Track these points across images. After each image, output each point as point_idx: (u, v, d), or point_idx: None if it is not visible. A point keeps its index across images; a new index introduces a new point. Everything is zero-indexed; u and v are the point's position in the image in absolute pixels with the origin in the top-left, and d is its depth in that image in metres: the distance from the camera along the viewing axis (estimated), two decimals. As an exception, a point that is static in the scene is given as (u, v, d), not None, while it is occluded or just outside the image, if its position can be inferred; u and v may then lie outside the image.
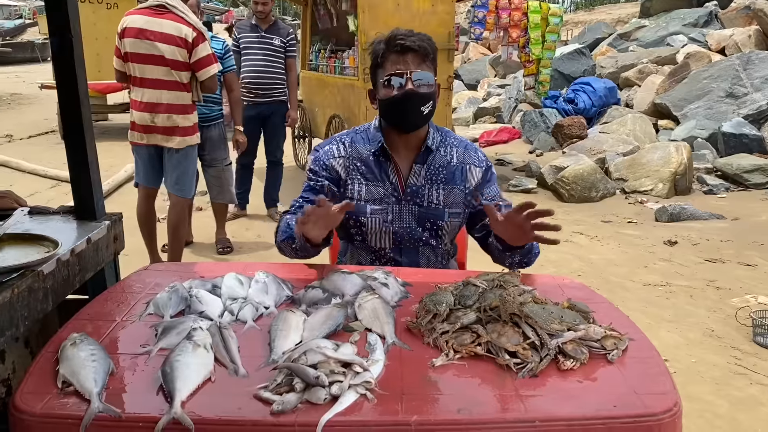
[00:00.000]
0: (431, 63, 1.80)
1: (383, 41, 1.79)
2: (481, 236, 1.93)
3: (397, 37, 1.76)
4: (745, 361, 3.06)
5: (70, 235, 1.62)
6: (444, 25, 5.91)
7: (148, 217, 3.99)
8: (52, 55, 1.67)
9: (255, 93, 5.25)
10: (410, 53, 1.75)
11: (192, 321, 1.28)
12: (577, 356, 1.19)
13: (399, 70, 1.75)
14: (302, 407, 1.02)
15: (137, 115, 3.68)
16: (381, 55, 1.79)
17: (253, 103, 5.25)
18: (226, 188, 4.60)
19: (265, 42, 5.24)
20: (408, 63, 1.75)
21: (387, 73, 1.77)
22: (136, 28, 3.55)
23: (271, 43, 5.25)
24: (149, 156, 3.80)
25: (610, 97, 9.53)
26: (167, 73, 3.61)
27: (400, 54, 1.75)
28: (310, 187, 1.90)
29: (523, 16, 7.04)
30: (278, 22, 5.41)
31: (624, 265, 4.47)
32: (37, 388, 1.08)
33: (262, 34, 5.25)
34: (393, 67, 1.76)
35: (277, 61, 5.28)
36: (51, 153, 8.11)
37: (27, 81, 16.61)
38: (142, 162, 3.84)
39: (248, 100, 5.21)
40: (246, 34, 5.30)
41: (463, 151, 1.92)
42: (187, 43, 3.59)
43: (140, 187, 3.96)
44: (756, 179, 6.57)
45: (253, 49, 5.25)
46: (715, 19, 12.25)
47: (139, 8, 3.64)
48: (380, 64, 1.80)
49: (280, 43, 5.26)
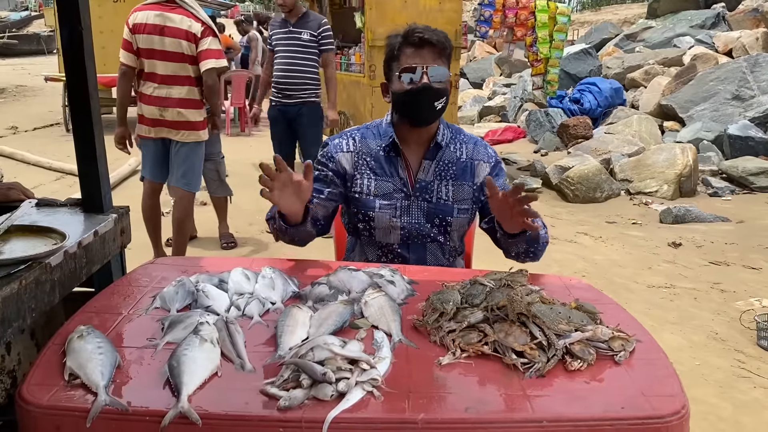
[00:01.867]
0: (447, 59, 1.79)
1: (400, 34, 1.79)
2: (489, 228, 1.88)
3: (416, 31, 1.76)
4: (749, 365, 3.05)
5: (78, 227, 1.62)
6: (451, 22, 5.91)
7: (153, 211, 3.99)
8: (62, 47, 1.66)
9: (282, 93, 4.78)
10: (427, 47, 1.75)
11: (198, 315, 1.28)
12: (585, 357, 1.18)
13: (415, 64, 1.75)
14: (309, 403, 1.02)
15: (146, 109, 3.69)
16: (397, 47, 1.79)
17: (280, 104, 4.81)
18: (224, 182, 4.61)
19: (293, 37, 4.71)
20: (424, 57, 1.75)
21: (403, 66, 1.76)
22: (149, 24, 3.57)
23: (299, 37, 4.70)
24: (156, 150, 3.80)
25: (616, 97, 9.50)
26: (178, 68, 3.63)
27: (418, 47, 1.75)
28: (316, 177, 1.89)
29: (530, 15, 7.02)
30: (309, 14, 4.83)
31: (628, 266, 4.46)
32: (44, 380, 1.08)
33: (290, 28, 4.72)
34: (409, 60, 1.76)
35: (306, 57, 4.73)
36: (56, 145, 8.12)
37: (32, 73, 16.62)
38: (149, 156, 3.84)
39: (275, 101, 4.83)
40: (276, 30, 4.83)
41: (473, 147, 1.92)
42: (195, 37, 3.60)
43: (146, 181, 3.96)
44: (761, 182, 6.54)
45: (281, 46, 4.76)
46: (723, 21, 12.21)
47: (148, 3, 3.64)
48: (396, 57, 1.80)
49: (309, 37, 4.70)
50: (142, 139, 3.80)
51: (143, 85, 3.69)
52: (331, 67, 4.84)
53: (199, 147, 3.82)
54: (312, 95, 4.81)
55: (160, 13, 3.58)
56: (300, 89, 4.74)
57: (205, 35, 3.62)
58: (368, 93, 5.96)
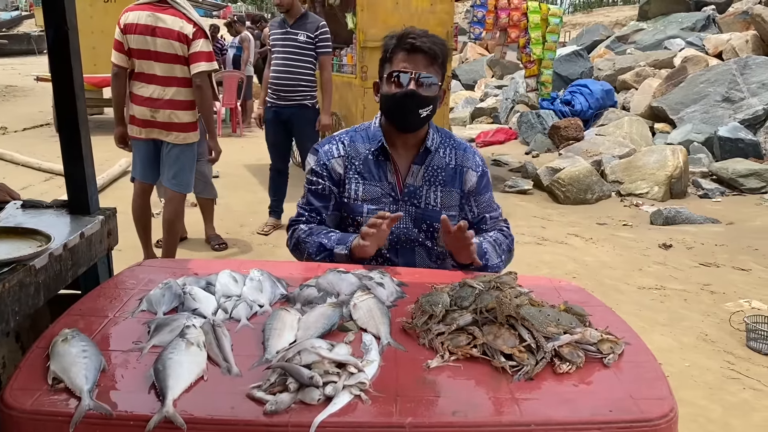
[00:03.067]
0: (439, 67, 1.79)
1: (396, 36, 1.79)
2: None
3: (409, 36, 1.75)
4: (738, 366, 3.06)
5: (63, 229, 1.60)
6: (442, 24, 5.91)
7: (143, 212, 3.97)
8: (48, 47, 1.64)
9: (277, 95, 4.75)
10: (419, 54, 1.74)
11: (185, 318, 1.26)
12: (573, 360, 1.18)
13: (404, 69, 1.74)
14: (296, 407, 1.01)
15: (137, 110, 3.66)
16: (391, 50, 1.79)
17: (275, 106, 4.79)
18: (210, 183, 4.60)
19: (289, 38, 4.66)
20: (416, 63, 1.75)
21: (392, 69, 1.77)
22: (140, 24, 3.55)
23: (296, 39, 4.65)
24: (147, 151, 3.78)
25: (607, 99, 9.54)
26: (170, 69, 3.61)
27: (409, 53, 1.75)
28: (314, 192, 1.89)
29: (522, 17, 7.04)
30: (308, 15, 4.78)
31: (618, 267, 4.47)
32: (27, 384, 1.06)
33: (287, 29, 4.67)
34: (399, 65, 1.76)
35: (302, 59, 4.68)
36: (45, 146, 8.07)
37: (23, 73, 16.51)
38: (140, 157, 3.82)
39: (270, 102, 4.81)
40: (274, 30, 4.80)
41: (462, 153, 1.92)
42: (187, 38, 3.57)
43: (136, 182, 3.94)
44: (751, 184, 6.59)
45: (277, 47, 4.73)
46: (713, 23, 12.28)
47: (140, 3, 3.62)
48: (388, 59, 1.80)
49: (305, 38, 4.65)
50: (132, 140, 3.77)
51: (134, 86, 3.67)
52: (328, 70, 4.79)
53: (190, 148, 3.80)
54: (307, 97, 4.77)
55: (152, 13, 3.56)
56: (295, 91, 4.70)
57: (197, 37, 3.59)
58: (360, 94, 5.96)
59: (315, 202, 1.88)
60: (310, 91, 4.77)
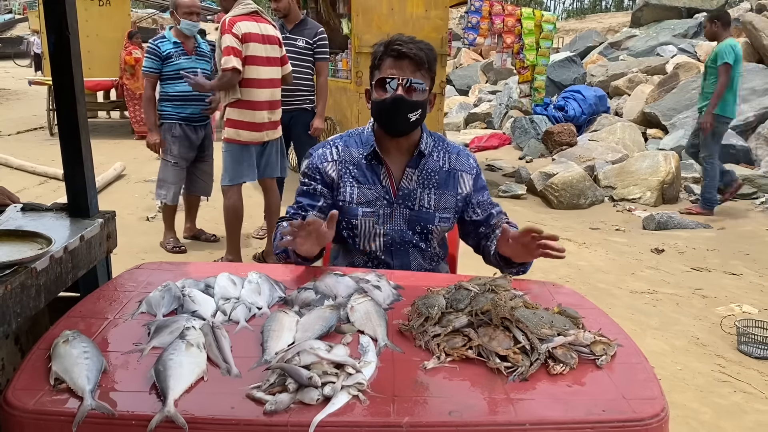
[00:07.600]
0: (426, 72, 1.81)
1: (383, 44, 1.81)
2: (474, 243, 2.00)
3: (396, 42, 1.78)
4: (729, 369, 3.09)
5: (63, 232, 1.62)
6: (437, 30, 5.95)
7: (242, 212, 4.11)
8: (49, 52, 1.66)
9: None
10: (406, 60, 1.77)
11: (185, 320, 1.28)
12: (567, 361, 1.20)
13: (392, 75, 1.77)
14: (295, 407, 1.03)
15: (258, 115, 3.87)
16: (379, 57, 1.82)
17: None
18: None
19: (288, 43, 4.56)
20: (403, 69, 1.77)
21: (380, 76, 1.80)
22: (258, 34, 3.81)
23: (295, 44, 4.63)
24: (255, 152, 3.99)
25: (600, 105, 9.61)
26: (277, 72, 3.99)
27: (396, 59, 1.77)
28: (304, 192, 1.91)
29: (516, 23, 7.09)
30: (306, 21, 4.80)
31: (611, 272, 4.50)
32: (29, 385, 1.08)
33: (286, 34, 4.61)
34: (387, 71, 1.78)
35: (301, 64, 4.65)
36: (39, 149, 8.06)
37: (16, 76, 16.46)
38: (249, 160, 3.95)
39: None
40: None
41: (456, 156, 1.95)
42: (281, 42, 4.01)
43: (236, 186, 4.00)
44: (742, 190, 6.63)
45: None
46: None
47: (242, 14, 3.80)
48: (377, 66, 1.83)
49: (304, 44, 4.67)
50: (242, 146, 3.88)
51: (248, 93, 3.82)
52: (324, 76, 4.77)
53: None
54: (306, 102, 4.78)
55: (260, 24, 3.86)
56: (293, 96, 4.69)
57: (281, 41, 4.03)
58: (355, 99, 5.99)
59: (302, 201, 1.90)
60: (308, 96, 4.79)
